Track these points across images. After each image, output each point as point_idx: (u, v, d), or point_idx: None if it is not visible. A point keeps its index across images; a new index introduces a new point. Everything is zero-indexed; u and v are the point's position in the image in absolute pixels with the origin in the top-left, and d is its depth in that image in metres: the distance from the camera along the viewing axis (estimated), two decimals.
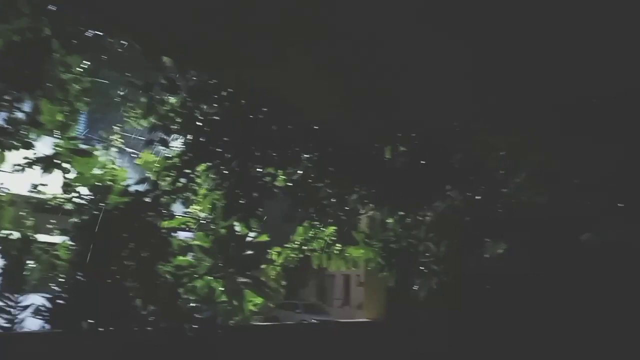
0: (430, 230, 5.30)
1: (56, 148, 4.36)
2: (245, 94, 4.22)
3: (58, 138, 4.57)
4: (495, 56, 3.37)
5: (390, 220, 5.19)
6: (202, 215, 5.92)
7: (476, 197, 5.24)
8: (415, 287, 5.34)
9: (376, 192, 4.78)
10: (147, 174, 4.88)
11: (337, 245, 6.46)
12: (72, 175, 4.36)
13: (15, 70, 3.70)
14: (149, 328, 4.16)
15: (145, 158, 5.51)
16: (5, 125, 4.16)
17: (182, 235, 5.76)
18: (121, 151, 5.79)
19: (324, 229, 6.25)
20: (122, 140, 5.96)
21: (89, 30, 3.80)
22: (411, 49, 3.25)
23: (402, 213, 5.01)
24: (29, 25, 4.01)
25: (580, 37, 2.95)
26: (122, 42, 3.68)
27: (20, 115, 4.33)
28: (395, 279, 5.24)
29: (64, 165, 4.23)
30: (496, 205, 5.30)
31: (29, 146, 4.22)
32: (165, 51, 3.57)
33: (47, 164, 4.02)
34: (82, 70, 3.87)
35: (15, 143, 4.15)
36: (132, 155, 6.41)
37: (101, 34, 3.67)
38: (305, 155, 5.20)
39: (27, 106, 4.46)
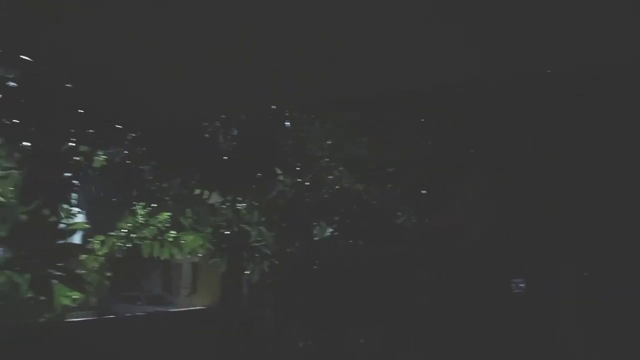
0: (262, 215, 5.36)
1: None
2: (51, 59, 3.66)
3: None
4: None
5: (222, 206, 5.09)
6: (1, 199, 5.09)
7: (305, 183, 5.46)
8: (248, 272, 5.36)
9: (205, 176, 4.62)
10: None
11: (171, 232, 6.15)
12: None
13: None
14: None
15: None
16: None
17: None
18: None
19: (156, 216, 5.89)
20: None
21: None
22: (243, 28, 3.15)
23: (232, 198, 4.96)
24: None
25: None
26: None
27: None
28: (226, 264, 5.18)
29: None
30: (322, 191, 5.59)
31: None
32: None
33: None
34: None
35: None
36: None
37: None
38: (131, 135, 4.79)
39: None
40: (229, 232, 5.11)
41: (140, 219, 5.94)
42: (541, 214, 5.29)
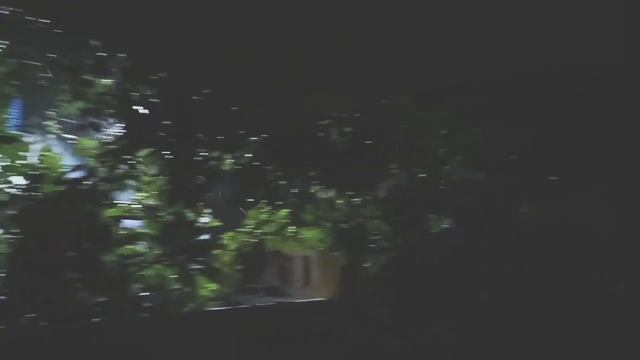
0: (379, 208, 5.42)
1: None
2: (183, 76, 4.13)
3: None
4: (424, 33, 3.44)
5: (339, 201, 5.26)
6: (149, 202, 5.80)
7: (420, 175, 5.40)
8: (367, 265, 5.47)
9: (323, 173, 4.83)
10: (86, 161, 4.70)
11: (291, 227, 6.51)
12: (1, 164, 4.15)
13: None
14: (96, 319, 4.07)
15: (84, 144, 5.29)
16: None
17: (130, 223, 5.63)
18: (59, 137, 5.55)
19: (276, 212, 6.28)
20: (59, 126, 5.68)
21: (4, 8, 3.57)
22: (344, 30, 3.28)
23: (350, 193, 5.09)
24: None
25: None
26: (41, 20, 3.48)
27: None
28: (346, 257, 5.34)
29: None
30: (439, 183, 5.47)
31: None
32: (90, 31, 3.42)
33: None
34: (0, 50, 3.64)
35: None
36: (71, 141, 6.16)
37: (20, 10, 3.44)
38: (252, 139, 5.17)
39: None
40: (347, 226, 5.27)
41: (263, 216, 6.38)
42: None
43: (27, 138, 4.21)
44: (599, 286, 5.51)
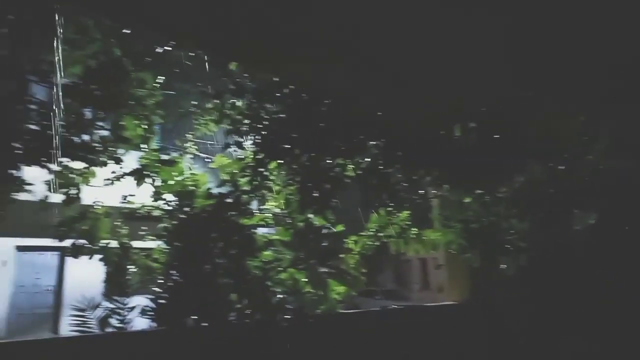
0: (512, 206, 5.09)
1: (142, 160, 4.72)
2: (305, 90, 4.31)
3: (142, 151, 4.95)
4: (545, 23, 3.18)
5: (467, 200, 5.05)
6: (277, 210, 6.15)
7: (559, 167, 4.94)
8: (503, 266, 5.17)
9: (449, 173, 4.68)
10: (222, 176, 5.15)
11: (413, 229, 6.43)
12: (158, 183, 4.70)
13: (99, 92, 4.05)
14: (246, 320, 4.40)
15: (219, 161, 5.83)
16: (95, 144, 4.58)
17: (264, 231, 6.03)
18: (195, 157, 6.16)
19: (397, 215, 6.25)
20: (196, 147, 6.32)
21: (159, 47, 4.06)
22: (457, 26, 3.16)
23: (480, 191, 4.85)
24: (102, 49, 4.38)
25: None
26: (190, 53, 3.90)
27: (106, 133, 4.73)
28: (479, 259, 5.10)
29: (152, 175, 4.57)
30: (582, 174, 4.96)
31: (118, 161, 4.61)
32: (230, 57, 3.74)
33: (139, 175, 4.37)
34: (156, 85, 4.16)
35: (106, 160, 4.56)
36: (206, 160, 6.79)
37: (170, 48, 3.91)
38: (371, 143, 5.21)
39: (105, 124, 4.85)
40: (478, 226, 5.03)
41: (385, 218, 6.39)
42: None
43: (178, 159, 4.72)
44: None
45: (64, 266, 11.23)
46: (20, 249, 10.88)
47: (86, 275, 10.40)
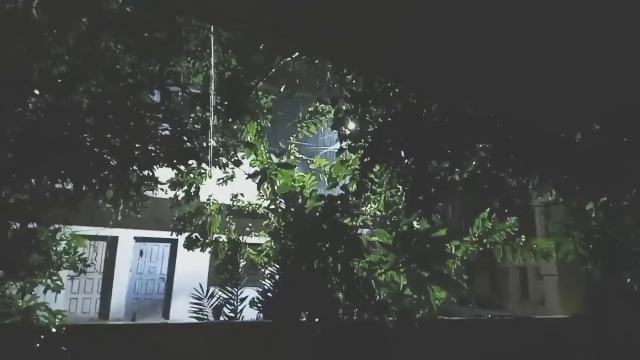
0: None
1: (258, 163, 5.04)
2: (414, 93, 4.30)
3: (257, 154, 5.28)
4: None
5: (589, 207, 4.69)
6: (378, 212, 6.20)
7: None
8: (628, 280, 4.72)
9: (569, 178, 4.38)
10: (325, 178, 5.35)
11: (521, 236, 6.13)
12: (277, 185, 4.99)
13: (227, 101, 4.41)
14: (354, 318, 4.51)
15: (318, 162, 6.05)
16: (220, 148, 4.99)
17: (366, 232, 6.14)
18: (302, 160, 6.45)
19: (507, 221, 5.99)
20: (297, 149, 6.61)
21: (278, 58, 4.31)
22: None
23: (603, 199, 4.48)
24: (220, 60, 4.75)
25: None
26: (315, 61, 4.09)
27: (227, 138, 5.13)
28: (601, 271, 4.71)
29: (271, 177, 4.86)
30: None
31: (238, 164, 4.98)
32: (349, 64, 3.86)
33: (262, 177, 4.67)
34: (277, 94, 4.43)
35: (228, 162, 4.95)
36: (307, 162, 7.08)
37: (289, 59, 4.14)
38: (480, 146, 5.04)
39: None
40: (601, 237, 4.66)
41: (489, 224, 6.16)
42: None
43: (294, 163, 4.97)
44: None
45: (175, 257, 12.30)
46: (138, 239, 12.12)
47: (194, 266, 11.33)
